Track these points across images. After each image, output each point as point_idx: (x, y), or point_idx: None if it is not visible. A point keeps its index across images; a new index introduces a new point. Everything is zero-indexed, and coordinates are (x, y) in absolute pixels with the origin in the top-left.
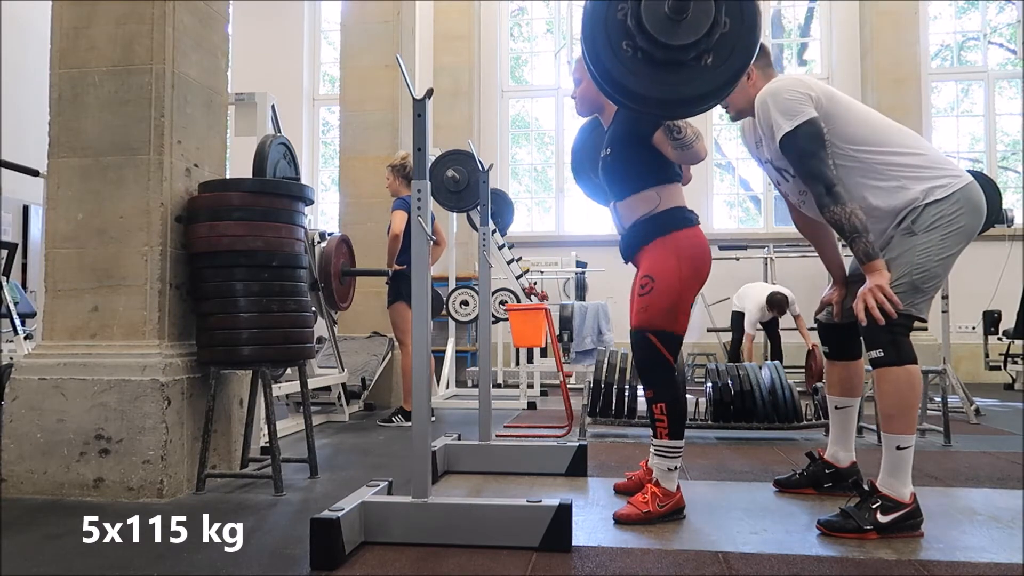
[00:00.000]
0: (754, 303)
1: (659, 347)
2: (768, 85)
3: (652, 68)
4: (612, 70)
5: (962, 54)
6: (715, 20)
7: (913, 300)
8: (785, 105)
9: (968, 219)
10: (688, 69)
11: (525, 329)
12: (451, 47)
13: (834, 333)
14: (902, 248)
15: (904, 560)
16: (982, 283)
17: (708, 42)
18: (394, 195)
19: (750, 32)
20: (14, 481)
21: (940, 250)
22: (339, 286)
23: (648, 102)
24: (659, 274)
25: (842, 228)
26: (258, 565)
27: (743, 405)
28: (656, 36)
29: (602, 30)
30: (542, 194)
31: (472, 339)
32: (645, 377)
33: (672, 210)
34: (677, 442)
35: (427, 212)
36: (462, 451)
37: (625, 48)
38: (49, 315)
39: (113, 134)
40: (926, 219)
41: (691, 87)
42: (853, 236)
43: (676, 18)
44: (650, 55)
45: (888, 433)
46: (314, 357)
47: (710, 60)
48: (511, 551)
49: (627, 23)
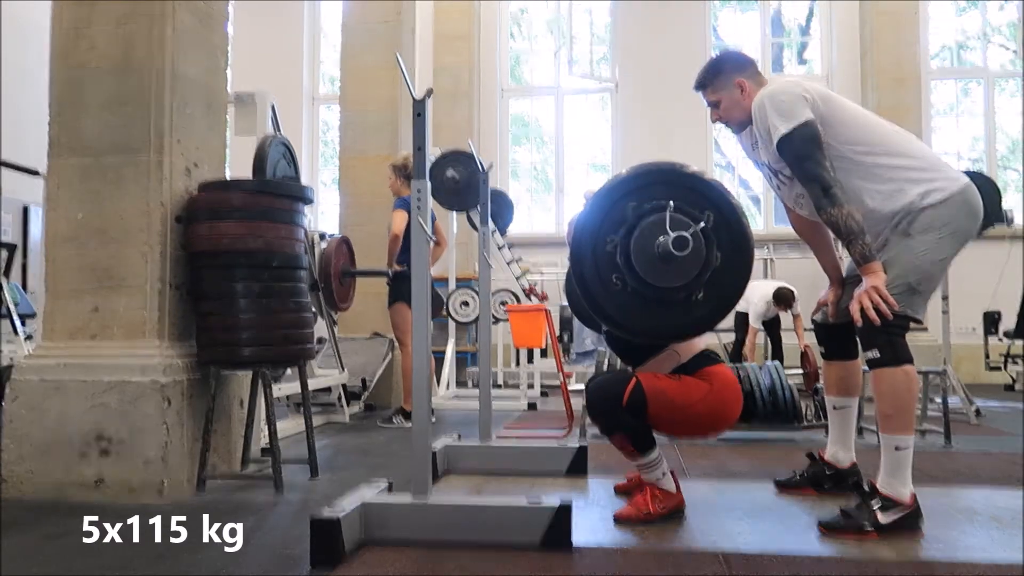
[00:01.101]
0: (760, 297)
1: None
2: (764, 89)
3: (642, 304)
4: (599, 300)
5: (962, 54)
6: (707, 261)
7: (909, 301)
8: (782, 107)
9: (964, 222)
10: (678, 306)
11: (525, 329)
12: (451, 47)
13: (830, 333)
14: (898, 250)
15: (904, 560)
16: (982, 283)
17: (699, 281)
18: (396, 195)
19: (741, 269)
20: (14, 481)
21: (936, 252)
22: (339, 287)
23: (635, 332)
24: (682, 400)
25: (839, 230)
26: (258, 565)
27: (743, 405)
28: (645, 279)
29: (591, 260)
30: (542, 194)
31: (472, 339)
32: (596, 422)
33: (695, 358)
34: (650, 453)
35: (427, 212)
36: (462, 451)
37: (615, 282)
38: (49, 316)
39: (113, 134)
40: (922, 222)
41: (679, 321)
42: (850, 238)
43: (665, 262)
44: (640, 293)
45: (886, 434)
46: (314, 358)
47: (700, 296)
48: (511, 551)
49: (616, 259)
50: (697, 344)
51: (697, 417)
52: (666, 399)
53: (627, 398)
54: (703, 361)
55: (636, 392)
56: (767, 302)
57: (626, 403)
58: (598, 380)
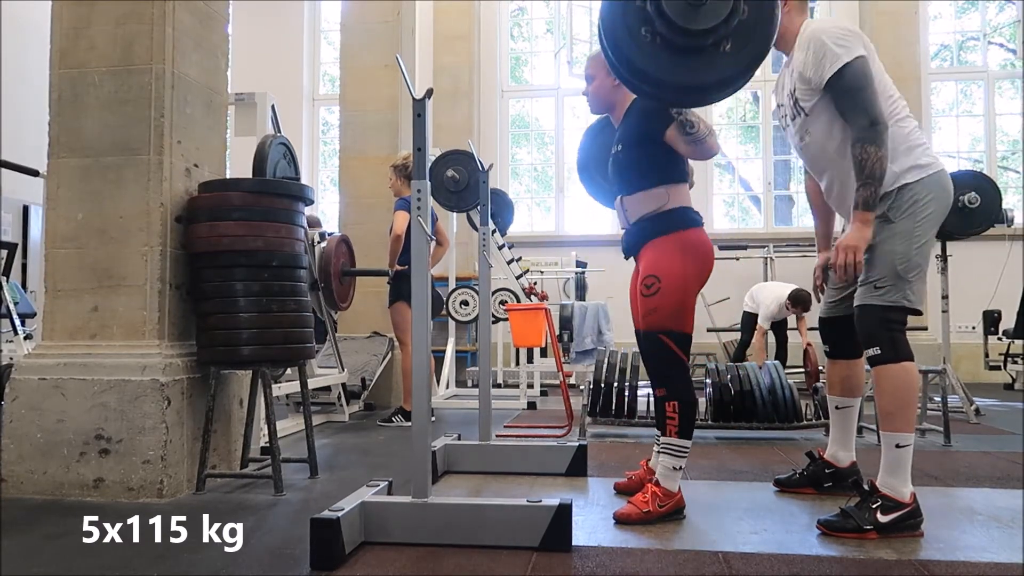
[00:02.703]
0: (773, 298)
1: (672, 347)
2: (819, 23)
3: (671, 54)
4: (631, 56)
5: (962, 54)
6: (734, 7)
7: (902, 291)
8: (841, 39)
9: (937, 205)
10: (707, 55)
11: (525, 329)
12: (451, 47)
13: (834, 331)
14: (881, 236)
15: (904, 560)
16: (982, 283)
17: (726, 28)
18: (396, 195)
19: (768, 20)
20: (14, 481)
21: (916, 237)
22: (339, 286)
23: (666, 87)
24: (665, 273)
25: (863, 167)
26: (258, 565)
27: (743, 405)
28: (675, 21)
29: (621, 16)
30: (542, 194)
31: (472, 339)
32: (658, 378)
33: (679, 209)
34: (685, 441)
35: (427, 212)
36: (462, 451)
37: (644, 34)
38: (49, 315)
39: (113, 134)
40: (900, 204)
41: (709, 73)
42: (868, 180)
43: (695, 3)
44: (669, 41)
45: (887, 431)
46: (314, 357)
47: (728, 47)
48: (511, 551)
49: (646, 9)
50: (684, 195)
51: (694, 291)
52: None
53: (680, 353)
54: (684, 218)
55: (673, 338)
56: (780, 304)
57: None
58: (651, 359)
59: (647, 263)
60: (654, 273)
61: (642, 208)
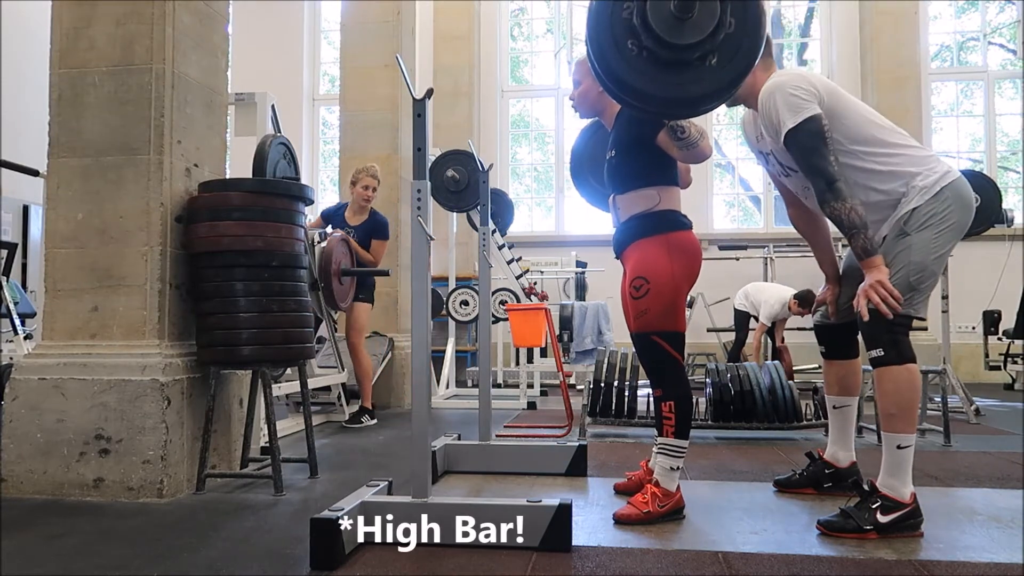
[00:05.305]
0: (776, 298)
1: (666, 347)
2: (773, 79)
3: (657, 68)
4: (617, 69)
5: (962, 54)
6: (720, 21)
7: (911, 300)
8: (790, 101)
9: (959, 215)
10: (692, 69)
11: (525, 329)
12: (451, 47)
13: (830, 333)
14: (896, 249)
15: (904, 560)
16: (982, 283)
17: (713, 42)
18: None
19: (754, 34)
20: (14, 481)
21: (934, 248)
22: (339, 286)
23: (651, 101)
24: (653, 275)
25: (841, 223)
26: (258, 565)
27: (743, 405)
28: (661, 35)
29: (607, 28)
30: (542, 194)
31: (472, 339)
32: (654, 378)
33: (669, 211)
34: (682, 441)
35: (427, 212)
36: (462, 451)
37: (630, 47)
38: (49, 315)
39: (113, 134)
40: (917, 219)
41: (695, 87)
42: (852, 232)
43: (682, 17)
44: (655, 54)
45: (888, 432)
46: (314, 357)
47: (714, 60)
48: (511, 551)
49: (632, 22)
50: (675, 198)
51: (683, 290)
52: (660, 312)
53: (673, 352)
54: (673, 221)
55: (666, 338)
56: (783, 304)
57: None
58: (645, 359)
59: (633, 264)
60: (642, 275)
61: (633, 207)
